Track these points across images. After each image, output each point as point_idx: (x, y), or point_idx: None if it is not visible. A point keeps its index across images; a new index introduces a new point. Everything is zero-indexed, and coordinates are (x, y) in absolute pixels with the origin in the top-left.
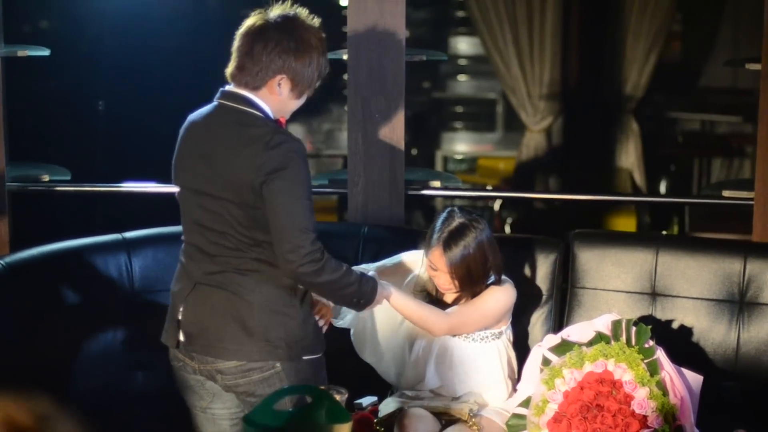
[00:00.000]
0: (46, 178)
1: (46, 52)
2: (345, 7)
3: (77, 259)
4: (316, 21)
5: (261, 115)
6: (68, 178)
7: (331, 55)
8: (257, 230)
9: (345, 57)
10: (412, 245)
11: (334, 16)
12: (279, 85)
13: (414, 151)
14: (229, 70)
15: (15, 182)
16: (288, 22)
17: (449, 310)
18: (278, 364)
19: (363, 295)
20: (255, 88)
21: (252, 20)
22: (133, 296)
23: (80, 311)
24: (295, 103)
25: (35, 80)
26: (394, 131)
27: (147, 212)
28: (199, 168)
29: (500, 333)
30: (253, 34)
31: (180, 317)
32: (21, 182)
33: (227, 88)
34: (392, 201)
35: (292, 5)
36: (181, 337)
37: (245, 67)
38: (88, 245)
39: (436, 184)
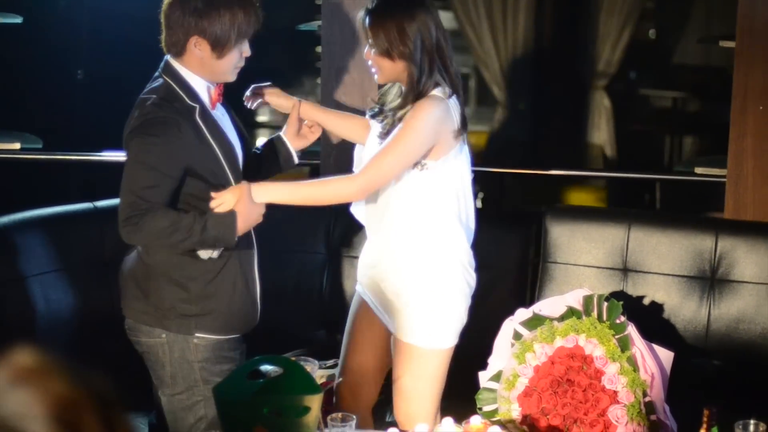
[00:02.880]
0: (17, 146)
1: (18, 20)
2: None
3: (49, 228)
4: None
5: (170, 87)
6: (40, 146)
7: (303, 27)
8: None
9: (318, 27)
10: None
11: None
12: (196, 46)
13: None
14: (162, 40)
15: None
16: None
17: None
18: (164, 335)
19: (213, 241)
20: (178, 55)
21: None
22: (104, 265)
23: (51, 280)
24: (224, 64)
25: (8, 48)
26: (367, 104)
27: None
28: None
29: (422, 164)
30: (168, 3)
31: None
32: None
33: (166, 58)
34: None
35: None
36: None
37: (166, 37)
38: (59, 213)
39: None
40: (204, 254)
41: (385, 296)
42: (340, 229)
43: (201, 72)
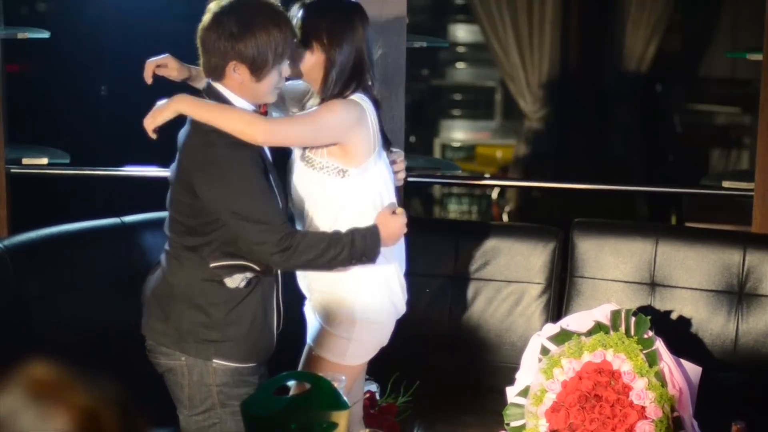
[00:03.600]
0: (44, 161)
1: (45, 35)
2: None
3: (76, 243)
4: None
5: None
6: (67, 161)
7: None
8: (192, 218)
9: None
10: (411, 232)
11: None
12: (234, 71)
13: (412, 139)
14: (201, 65)
15: (14, 165)
16: (232, 4)
17: None
18: (183, 358)
19: (360, 255)
20: (218, 79)
21: (209, 7)
22: (131, 280)
23: (79, 295)
24: (264, 86)
25: (35, 63)
26: (395, 119)
27: (147, 197)
28: (179, 154)
29: (344, 171)
30: (204, 26)
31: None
32: (20, 165)
33: (208, 81)
34: None
35: None
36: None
37: (204, 61)
38: (86, 229)
39: (436, 171)
40: (231, 283)
41: (311, 302)
42: None
43: (243, 94)
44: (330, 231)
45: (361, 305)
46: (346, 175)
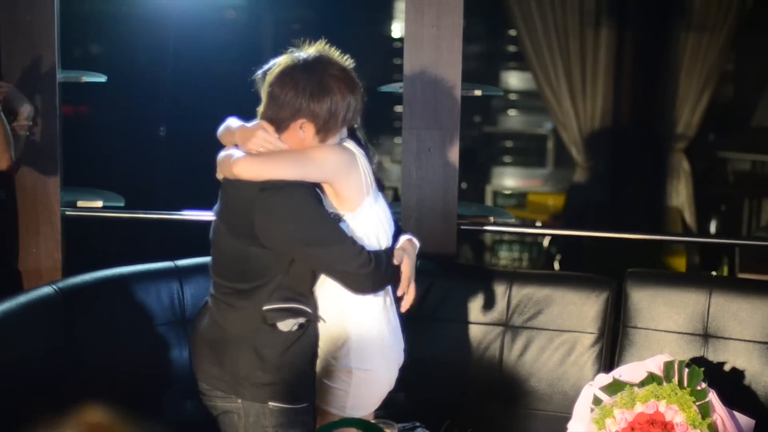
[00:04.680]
0: (99, 204)
1: (103, 79)
2: (397, 39)
3: (129, 286)
4: (346, 61)
5: None
6: (122, 204)
7: (382, 88)
8: (246, 263)
9: (399, 89)
10: (464, 280)
11: (386, 48)
12: (301, 128)
13: (464, 185)
14: (260, 111)
15: (69, 207)
16: (310, 64)
17: None
18: (239, 400)
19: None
20: (280, 130)
21: (280, 61)
22: (184, 324)
23: (132, 338)
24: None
25: (93, 107)
26: (448, 165)
27: (200, 240)
28: (221, 195)
29: (339, 216)
30: (277, 76)
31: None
32: (75, 208)
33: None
34: (445, 235)
35: (330, 45)
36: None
37: (269, 110)
38: (140, 272)
39: (489, 219)
40: (284, 327)
41: None
42: (419, 290)
43: (297, 149)
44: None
45: (356, 353)
46: (341, 221)
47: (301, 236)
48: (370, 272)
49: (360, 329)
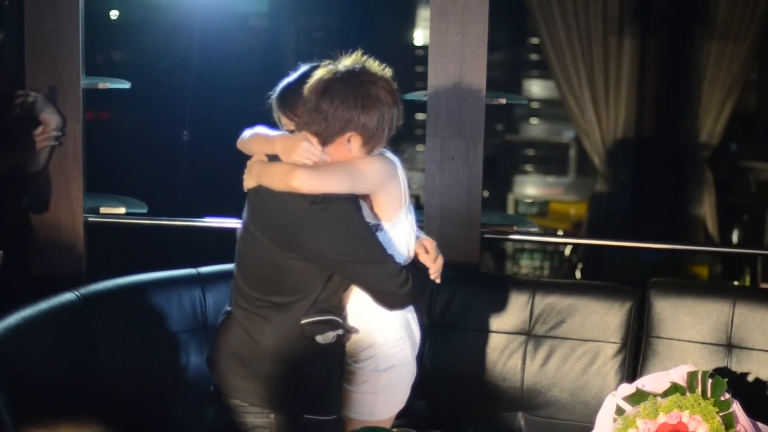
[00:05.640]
0: (122, 210)
1: (126, 85)
2: (419, 47)
3: (152, 293)
4: (386, 71)
5: None
6: (144, 211)
7: (406, 96)
8: (285, 276)
9: (423, 97)
10: (487, 288)
11: (408, 56)
12: (349, 141)
13: (485, 193)
14: (298, 125)
15: (91, 214)
16: (354, 76)
17: None
18: (272, 416)
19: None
20: (325, 144)
21: (319, 74)
22: (206, 331)
23: (153, 345)
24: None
25: (116, 113)
26: (472, 174)
27: (223, 247)
28: (255, 204)
29: (377, 226)
30: (320, 89)
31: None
32: (98, 214)
33: None
34: (468, 243)
35: (363, 54)
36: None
37: (312, 123)
38: (162, 279)
39: (512, 228)
40: (323, 339)
41: None
42: (441, 299)
43: (340, 160)
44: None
45: (382, 355)
46: (379, 230)
47: (349, 253)
48: (407, 292)
49: (386, 333)
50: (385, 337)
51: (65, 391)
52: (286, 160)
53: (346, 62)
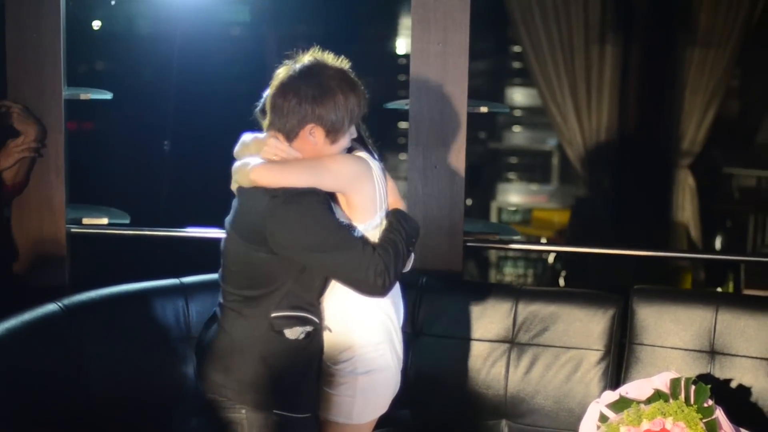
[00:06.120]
0: (105, 221)
1: (108, 96)
2: (402, 56)
3: (135, 303)
4: (342, 63)
5: None
6: (127, 221)
7: (388, 105)
8: (256, 270)
9: (405, 106)
10: (470, 297)
11: (391, 65)
12: (311, 134)
13: (468, 201)
14: (265, 124)
15: (74, 225)
16: (307, 69)
17: None
18: (243, 410)
19: (415, 235)
20: (290, 139)
21: (278, 74)
22: (189, 341)
23: (137, 355)
24: (336, 148)
25: (98, 124)
26: (454, 182)
27: (206, 257)
28: (234, 203)
29: (349, 227)
30: (278, 88)
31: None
32: (80, 225)
33: None
34: (451, 252)
35: (321, 51)
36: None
37: (275, 121)
38: (146, 289)
39: (495, 236)
40: (291, 334)
41: None
42: (425, 307)
43: (311, 156)
44: (385, 230)
45: (360, 358)
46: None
47: (310, 242)
48: (383, 276)
49: (364, 336)
50: (363, 340)
51: (48, 402)
52: (260, 158)
53: (303, 59)
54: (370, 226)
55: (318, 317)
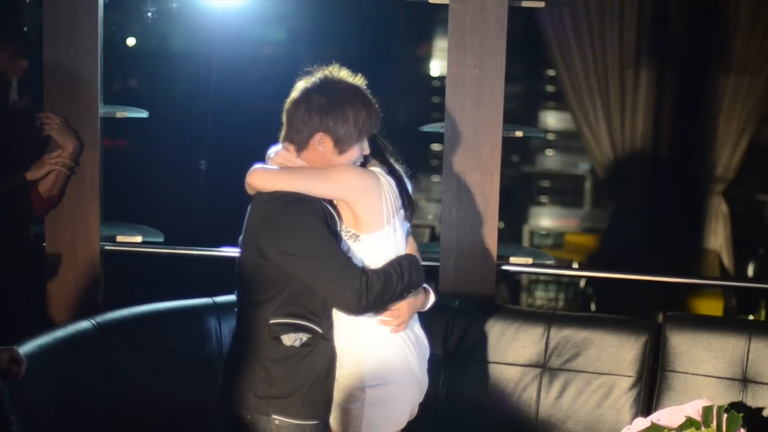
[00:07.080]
0: (138, 239)
1: (144, 114)
2: (435, 78)
3: (168, 322)
4: (357, 80)
5: None
6: (161, 240)
7: (422, 128)
8: (256, 274)
9: (440, 129)
10: (503, 321)
11: (424, 87)
12: (320, 143)
13: (501, 225)
14: (281, 136)
15: (108, 242)
16: (320, 82)
17: None
18: (249, 416)
19: (417, 283)
20: (299, 150)
21: (295, 87)
22: (221, 360)
23: (169, 374)
24: (345, 159)
25: (134, 142)
26: (488, 206)
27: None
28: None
29: (356, 236)
30: (292, 101)
31: None
32: (114, 243)
33: None
34: (484, 275)
35: (339, 69)
36: None
37: (288, 133)
38: (178, 308)
39: (528, 261)
40: (287, 340)
41: None
42: (457, 331)
43: (319, 166)
44: (387, 266)
45: (369, 370)
46: (358, 240)
47: (291, 248)
48: (362, 299)
49: (374, 348)
50: (372, 353)
51: (81, 420)
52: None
53: (318, 74)
54: (377, 238)
55: (321, 327)
